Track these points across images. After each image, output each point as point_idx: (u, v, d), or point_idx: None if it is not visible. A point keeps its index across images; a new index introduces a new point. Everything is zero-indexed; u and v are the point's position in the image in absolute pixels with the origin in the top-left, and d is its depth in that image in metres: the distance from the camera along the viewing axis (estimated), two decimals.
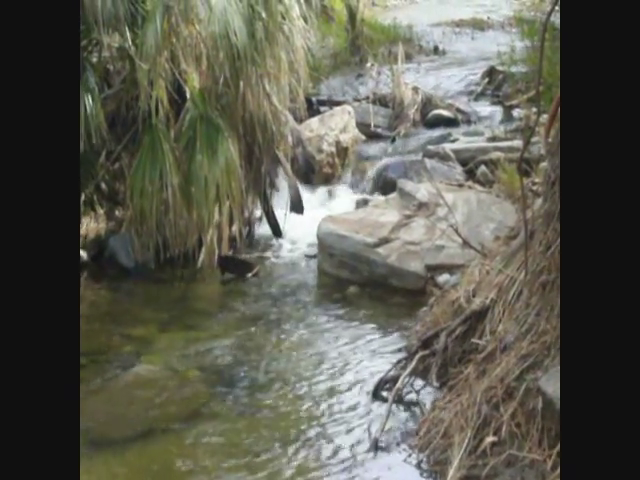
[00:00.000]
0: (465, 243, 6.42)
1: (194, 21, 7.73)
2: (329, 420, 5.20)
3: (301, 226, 8.46)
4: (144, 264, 7.75)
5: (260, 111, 8.01)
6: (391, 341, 6.24)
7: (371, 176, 9.45)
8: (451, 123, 10.68)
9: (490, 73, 11.86)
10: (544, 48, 4.65)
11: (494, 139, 9.54)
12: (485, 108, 11.13)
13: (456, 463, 4.30)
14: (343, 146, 9.83)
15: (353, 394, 5.50)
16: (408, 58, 12.36)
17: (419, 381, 5.38)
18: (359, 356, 6.06)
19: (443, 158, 9.17)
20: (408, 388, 5.31)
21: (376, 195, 8.97)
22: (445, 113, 10.83)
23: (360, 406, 5.33)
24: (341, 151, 9.80)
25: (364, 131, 10.39)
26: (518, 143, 8.68)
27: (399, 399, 5.23)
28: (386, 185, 9.01)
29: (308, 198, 9.02)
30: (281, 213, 8.57)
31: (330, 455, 4.82)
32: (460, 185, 8.14)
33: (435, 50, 13.77)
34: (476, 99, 11.54)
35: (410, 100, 10.88)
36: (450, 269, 6.82)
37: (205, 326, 6.70)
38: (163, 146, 7.54)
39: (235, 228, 8.02)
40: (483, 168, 8.72)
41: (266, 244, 8.41)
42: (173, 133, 7.88)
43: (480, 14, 15.50)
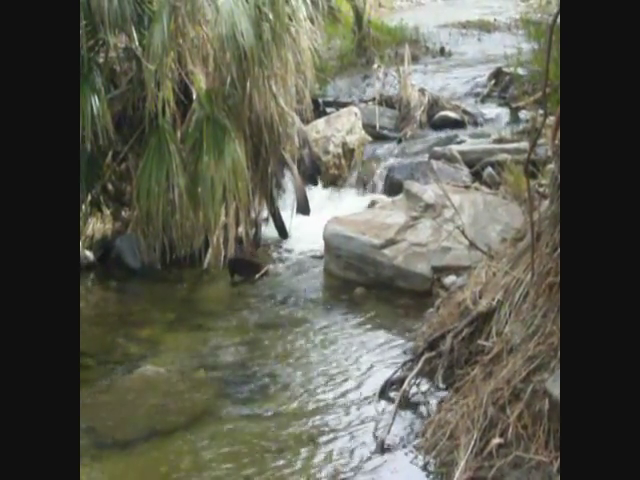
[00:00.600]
0: (471, 245, 6.41)
1: (201, 22, 7.73)
2: (335, 422, 5.20)
3: (307, 227, 8.46)
4: (150, 265, 7.75)
5: (267, 112, 8.01)
6: (397, 342, 6.23)
7: (377, 178, 9.46)
8: (457, 125, 10.69)
9: (497, 75, 11.86)
10: (551, 50, 4.63)
11: (501, 141, 9.54)
12: (492, 110, 11.13)
13: (462, 465, 4.30)
14: (349, 147, 9.82)
15: (359, 395, 5.50)
16: (415, 60, 12.36)
17: (425, 383, 5.38)
18: (365, 357, 6.06)
19: (450, 160, 9.17)
20: (414, 390, 5.31)
21: (382, 196, 8.97)
22: (452, 115, 10.83)
23: (366, 407, 5.33)
24: (347, 152, 9.80)
25: (370, 132, 10.39)
26: (525, 145, 8.65)
27: (405, 401, 5.23)
28: (392, 186, 9.01)
29: (314, 199, 9.02)
30: (287, 214, 8.57)
31: (336, 456, 4.82)
32: (467, 187, 8.13)
33: (442, 52, 13.78)
34: (483, 101, 11.55)
35: (417, 102, 10.89)
36: (456, 271, 6.81)
37: (211, 327, 6.70)
38: (170, 147, 7.54)
39: (241, 229, 8.02)
40: (490, 170, 8.72)
41: (272, 245, 8.41)
42: (180, 134, 7.88)
43: (487, 16, 15.54)
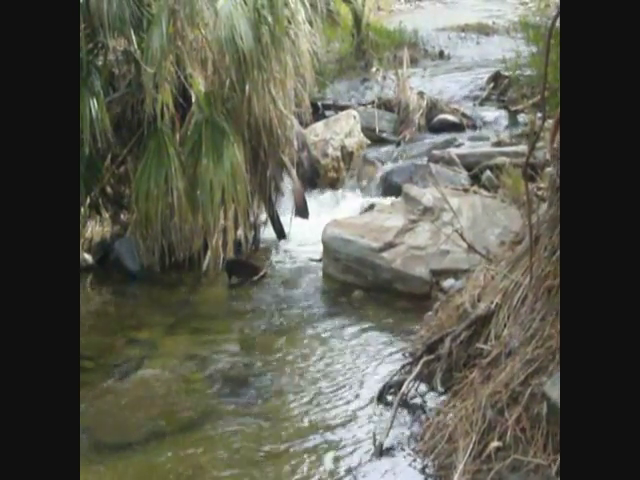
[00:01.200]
0: (470, 248, 6.42)
1: (200, 25, 7.73)
2: (334, 424, 5.20)
3: (306, 230, 8.46)
4: (149, 268, 7.75)
5: (266, 115, 8.00)
6: (396, 345, 6.23)
7: (376, 181, 9.46)
8: (456, 128, 10.70)
9: (495, 78, 11.88)
10: (549, 53, 4.64)
11: (499, 144, 9.55)
12: (490, 113, 11.15)
13: (461, 468, 4.30)
14: (348, 150, 9.83)
15: (358, 398, 5.50)
16: (413, 63, 12.39)
17: (424, 386, 5.38)
18: (364, 360, 6.06)
19: (448, 163, 9.18)
20: (413, 393, 5.31)
21: (381, 200, 8.97)
22: (450, 118, 10.84)
23: (365, 410, 5.33)
24: (346, 155, 9.81)
25: (369, 136, 10.41)
26: (523, 148, 8.67)
27: (404, 404, 5.23)
28: (391, 190, 9.02)
29: (313, 202, 9.03)
30: (286, 217, 8.57)
31: (335, 459, 4.82)
32: (465, 190, 8.13)
33: (440, 55, 13.80)
34: (481, 104, 11.57)
35: (415, 105, 10.90)
36: (455, 274, 6.82)
37: (210, 329, 6.69)
38: (168, 150, 7.55)
39: (240, 232, 8.01)
40: (488, 173, 8.73)
41: (271, 248, 8.40)
42: (178, 137, 7.89)
43: (485, 19, 15.56)
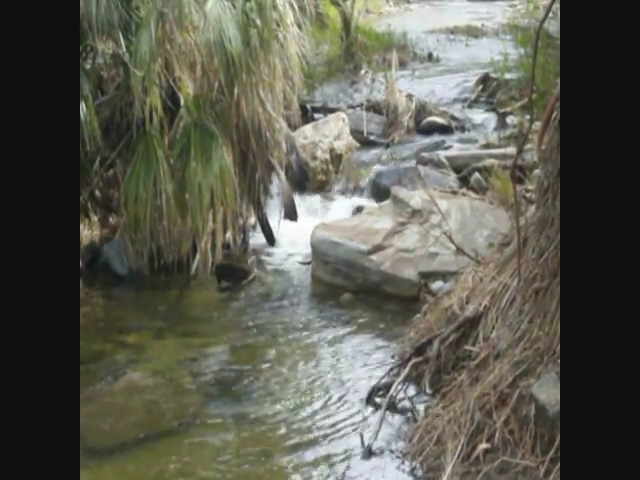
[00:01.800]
0: (459, 250, 6.43)
1: (188, 28, 7.72)
2: (322, 427, 5.20)
3: (295, 233, 8.45)
4: (138, 271, 7.73)
5: (254, 118, 8.00)
6: (384, 348, 6.24)
7: (365, 183, 9.47)
8: (445, 130, 10.71)
9: (484, 80, 11.89)
10: (537, 55, 4.65)
11: (488, 146, 9.56)
12: (479, 115, 11.16)
13: (449, 470, 4.31)
14: (337, 153, 9.83)
15: (346, 401, 5.50)
16: (402, 65, 12.40)
17: (412, 388, 5.39)
18: (352, 363, 6.07)
19: (437, 165, 9.19)
20: (401, 395, 5.31)
21: (370, 202, 8.97)
22: (439, 120, 10.85)
23: (353, 413, 5.34)
24: (335, 158, 9.81)
25: (358, 138, 10.41)
26: (512, 150, 8.64)
27: (392, 406, 5.24)
28: (380, 192, 9.01)
29: (302, 205, 9.02)
30: (275, 220, 8.57)
31: (323, 462, 4.83)
32: (454, 192, 8.13)
33: (429, 57, 13.83)
34: (470, 106, 11.58)
35: (404, 107, 10.91)
36: (444, 276, 6.82)
37: (199, 333, 6.69)
38: (157, 153, 7.53)
39: (229, 235, 8.01)
40: (477, 175, 8.73)
41: (260, 251, 8.40)
42: (167, 140, 7.87)
43: (474, 21, 15.61)
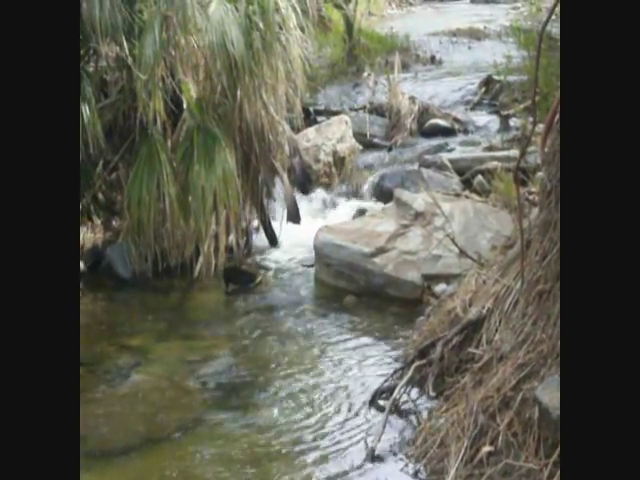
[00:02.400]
0: (462, 252, 6.43)
1: (192, 31, 7.73)
2: (326, 430, 5.20)
3: (298, 236, 8.45)
4: (141, 274, 7.73)
5: (257, 121, 8.00)
6: (388, 351, 6.24)
7: (368, 186, 9.47)
8: (448, 133, 10.72)
9: (487, 83, 11.90)
10: (540, 58, 4.65)
11: (491, 149, 9.57)
12: (482, 118, 11.17)
13: (453, 473, 4.31)
14: (340, 156, 9.83)
15: (350, 404, 5.50)
16: (405, 67, 12.41)
17: (416, 391, 5.38)
18: (356, 366, 6.06)
19: (440, 168, 9.20)
20: (405, 398, 5.31)
21: (373, 205, 8.98)
22: (442, 123, 10.86)
23: (357, 416, 5.33)
24: (338, 161, 9.81)
25: (361, 141, 10.41)
26: (515, 153, 8.67)
27: (396, 409, 5.23)
28: (383, 195, 9.03)
29: (305, 208, 9.03)
30: (278, 223, 8.57)
31: (327, 465, 4.82)
32: (457, 195, 8.13)
33: (432, 59, 13.83)
34: (473, 109, 11.58)
35: (407, 110, 10.92)
36: (447, 278, 6.82)
37: (202, 336, 6.69)
38: (160, 156, 7.53)
39: (232, 238, 8.01)
40: (480, 178, 8.74)
41: (263, 254, 8.40)
42: (170, 143, 7.88)
43: (477, 24, 15.60)
